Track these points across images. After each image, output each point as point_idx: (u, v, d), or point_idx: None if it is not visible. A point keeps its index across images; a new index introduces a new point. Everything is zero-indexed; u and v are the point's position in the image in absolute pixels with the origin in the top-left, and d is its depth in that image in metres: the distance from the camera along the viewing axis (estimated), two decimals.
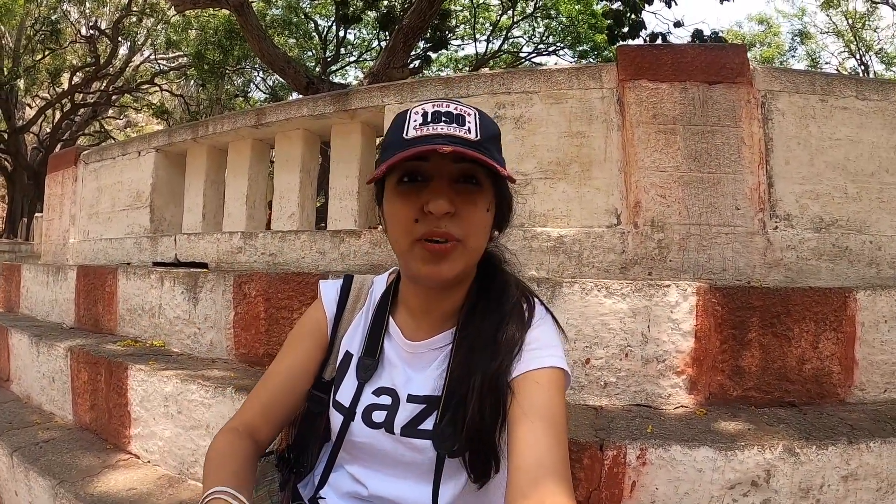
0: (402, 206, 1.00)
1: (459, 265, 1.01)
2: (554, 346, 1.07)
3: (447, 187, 0.98)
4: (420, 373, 1.11)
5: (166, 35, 20.24)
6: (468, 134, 0.98)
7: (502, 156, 1.08)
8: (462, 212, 0.99)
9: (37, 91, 22.27)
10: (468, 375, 1.04)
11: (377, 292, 1.22)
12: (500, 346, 1.05)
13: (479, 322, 1.08)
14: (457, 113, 1.00)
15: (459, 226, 0.98)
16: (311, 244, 3.41)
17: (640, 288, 2.17)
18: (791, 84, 2.85)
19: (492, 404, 1.01)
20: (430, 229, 0.98)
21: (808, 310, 2.15)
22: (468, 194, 1.00)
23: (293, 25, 19.50)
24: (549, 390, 1.00)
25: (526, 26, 20.36)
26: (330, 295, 1.23)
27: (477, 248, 1.04)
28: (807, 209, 2.74)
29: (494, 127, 1.07)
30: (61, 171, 5.71)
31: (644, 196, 2.74)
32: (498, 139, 1.07)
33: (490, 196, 1.04)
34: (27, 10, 17.95)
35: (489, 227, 1.06)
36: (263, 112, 3.96)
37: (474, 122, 1.00)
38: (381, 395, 1.11)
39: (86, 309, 4.02)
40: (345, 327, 1.20)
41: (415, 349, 1.12)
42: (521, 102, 3.05)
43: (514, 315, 1.10)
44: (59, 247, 5.63)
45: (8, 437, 2.85)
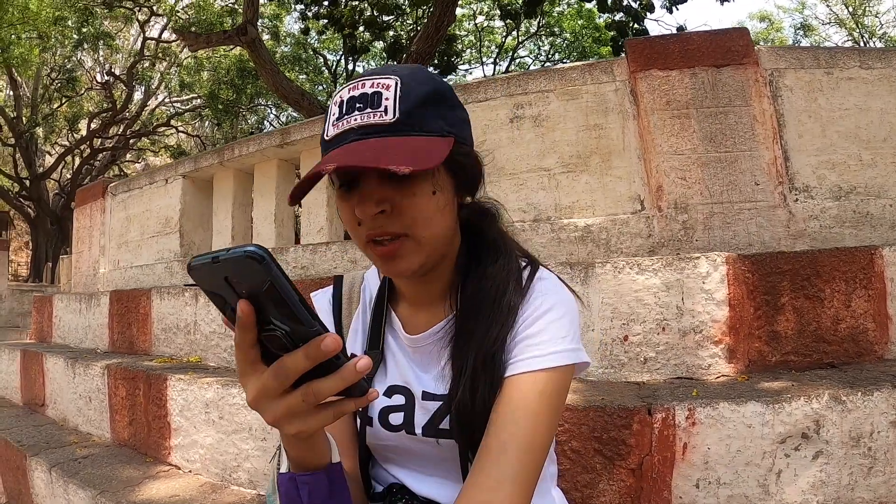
0: (344, 212, 0.93)
1: (416, 259, 0.93)
2: (560, 337, 0.96)
3: (376, 185, 0.88)
4: (429, 370, 1.05)
5: (180, 77, 20.71)
6: (384, 116, 0.86)
7: (453, 112, 0.95)
8: (400, 206, 0.89)
9: (56, 138, 22.80)
10: (464, 355, 0.97)
11: (371, 286, 1.16)
12: (495, 318, 0.97)
13: (472, 296, 1.00)
14: (372, 91, 0.88)
15: (398, 221, 0.89)
16: (342, 254, 3.48)
17: (670, 262, 2.20)
18: (796, 60, 2.92)
19: (486, 383, 0.94)
20: (369, 231, 0.90)
21: (837, 269, 2.17)
22: (402, 186, 0.88)
23: (303, 61, 19.89)
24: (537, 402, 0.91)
25: (531, 45, 20.66)
26: (323, 306, 1.16)
27: (433, 238, 0.93)
28: (824, 179, 2.79)
29: (426, 86, 0.91)
30: (89, 204, 5.85)
31: (665, 180, 2.79)
32: (434, 100, 0.92)
33: (438, 174, 0.92)
34: (43, 59, 18.42)
35: (444, 208, 0.94)
36: (288, 131, 4.07)
37: (392, 95, 0.88)
38: (393, 394, 1.05)
39: (119, 332, 4.09)
40: (347, 332, 1.13)
41: (416, 343, 1.06)
42: (539, 101, 3.12)
43: (511, 283, 1.00)
44: (89, 277, 5.75)
45: (46, 454, 2.88)
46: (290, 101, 10.42)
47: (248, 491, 2.36)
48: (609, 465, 1.73)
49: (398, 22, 14.56)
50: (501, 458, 0.87)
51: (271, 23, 18.26)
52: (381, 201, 0.88)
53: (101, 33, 16.99)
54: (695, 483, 1.69)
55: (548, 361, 0.93)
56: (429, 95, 0.90)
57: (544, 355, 0.93)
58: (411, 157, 0.83)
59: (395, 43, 13.52)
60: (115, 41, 18.88)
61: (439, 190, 0.92)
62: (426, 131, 0.89)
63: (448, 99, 0.95)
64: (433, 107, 0.91)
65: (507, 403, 0.91)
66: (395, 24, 14.40)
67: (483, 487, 0.86)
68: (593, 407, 1.77)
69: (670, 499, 1.70)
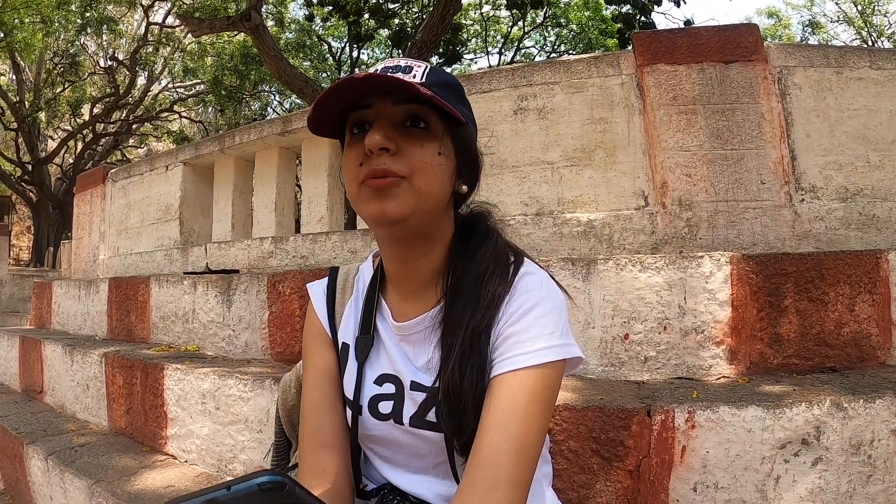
0: (349, 154, 0.98)
1: (406, 204, 0.94)
2: (548, 333, 0.96)
3: (388, 127, 0.93)
4: (417, 360, 1.05)
5: (183, 63, 20.62)
6: (412, 79, 0.94)
7: (466, 108, 1.02)
8: (405, 150, 0.93)
9: (58, 123, 22.70)
10: (452, 341, 0.98)
11: (365, 277, 1.18)
12: (478, 303, 0.99)
13: (457, 282, 1.02)
14: (405, 65, 0.97)
15: (402, 163, 0.93)
16: (342, 244, 3.46)
17: (673, 261, 2.18)
18: (805, 59, 2.89)
19: (473, 366, 0.95)
20: (370, 168, 0.93)
21: (842, 273, 2.15)
22: (414, 135, 0.95)
23: (307, 48, 19.79)
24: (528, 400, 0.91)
25: (537, 36, 20.52)
26: (318, 296, 1.19)
27: (427, 191, 0.95)
28: (831, 180, 2.76)
29: (450, 78, 1.01)
30: (89, 190, 5.84)
31: (670, 176, 2.76)
32: (454, 88, 1.01)
33: (445, 142, 0.97)
34: (46, 44, 18.32)
35: (445, 172, 0.98)
36: (290, 119, 4.04)
37: (422, 72, 0.96)
38: (383, 383, 1.06)
39: (118, 319, 4.09)
40: (340, 322, 1.15)
41: (404, 331, 1.07)
42: (543, 94, 3.09)
43: (496, 271, 1.02)
44: (89, 264, 5.74)
45: (42, 442, 2.87)
46: (294, 87, 10.39)
47: None
48: (606, 466, 1.72)
49: (403, 10, 14.47)
50: (495, 459, 0.88)
51: (275, 9, 18.15)
52: (390, 138, 0.92)
53: (104, 18, 16.88)
54: (692, 487, 1.68)
55: (536, 358, 0.94)
56: (452, 84, 1.00)
57: (532, 352, 0.94)
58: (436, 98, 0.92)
59: (400, 31, 13.47)
60: (119, 26, 18.72)
61: (444, 154, 0.97)
62: (447, 102, 0.95)
63: (464, 97, 1.04)
64: (454, 93, 1.00)
65: (497, 403, 0.92)
66: (400, 11, 14.32)
67: (478, 489, 0.87)
68: (592, 407, 1.75)
69: (667, 502, 1.68)
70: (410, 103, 0.94)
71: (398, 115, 0.95)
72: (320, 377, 1.12)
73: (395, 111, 0.94)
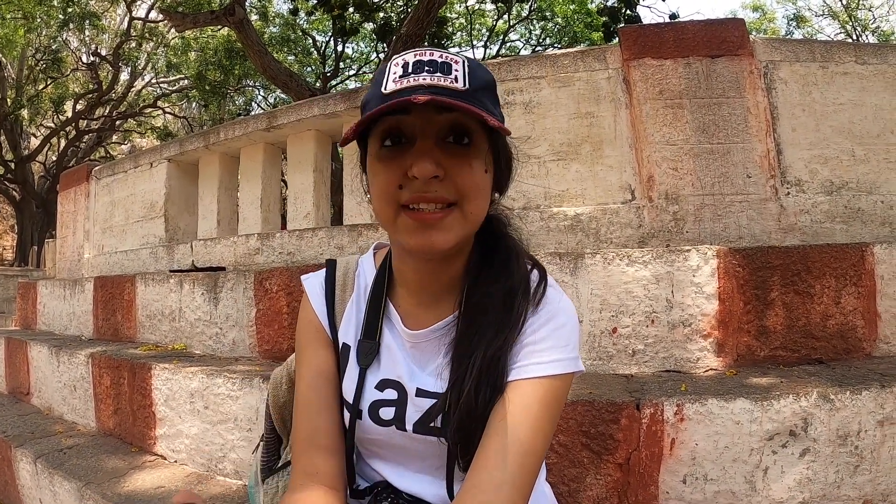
0: (383, 173, 0.89)
1: (455, 234, 0.90)
2: (562, 345, 0.96)
3: (434, 147, 0.86)
4: (426, 366, 1.03)
5: (167, 58, 20.39)
6: (455, 83, 0.86)
7: (500, 109, 0.96)
8: (454, 174, 0.87)
9: (41, 120, 22.46)
10: (469, 355, 0.95)
11: (367, 273, 1.12)
12: (503, 323, 0.96)
13: (481, 297, 0.98)
14: (441, 61, 0.87)
15: (453, 189, 0.87)
16: (328, 240, 3.45)
17: (660, 254, 2.19)
18: (791, 53, 2.91)
19: (489, 385, 0.93)
20: (416, 194, 0.87)
21: (828, 266, 2.17)
22: (460, 154, 0.88)
23: (291, 42, 19.66)
24: (538, 408, 0.92)
25: (522, 29, 20.51)
26: (315, 290, 1.13)
27: (476, 215, 0.92)
28: (817, 174, 2.78)
29: (487, 75, 0.93)
30: (73, 188, 5.77)
31: (656, 170, 2.77)
32: (492, 89, 0.93)
33: (487, 155, 0.91)
34: (28, 40, 18.08)
35: (489, 189, 0.94)
36: (275, 115, 4.01)
37: (462, 69, 0.88)
38: (385, 388, 1.03)
39: (104, 319, 4.05)
40: (339, 319, 1.10)
41: (416, 339, 1.03)
42: (530, 88, 3.09)
43: (521, 288, 0.99)
44: (73, 263, 5.68)
45: (31, 445, 2.84)
46: (279, 82, 10.32)
47: (233, 482, 2.34)
48: (596, 460, 1.73)
49: (388, 3, 14.39)
50: (502, 461, 0.88)
51: (260, 3, 18.03)
52: (439, 164, 0.86)
53: (86, 13, 16.67)
54: (682, 479, 1.69)
55: (550, 369, 0.94)
56: (489, 82, 0.92)
57: (547, 362, 0.94)
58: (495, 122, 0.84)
59: (385, 24, 13.38)
60: (102, 21, 18.53)
61: (489, 170, 0.92)
62: (488, 111, 0.87)
63: (496, 95, 0.96)
64: (491, 94, 0.92)
65: (510, 408, 0.92)
66: (384, 5, 14.23)
67: (484, 489, 0.87)
68: (581, 401, 1.76)
69: (657, 494, 1.70)
70: (453, 112, 0.86)
71: (442, 128, 0.87)
72: (317, 378, 1.08)
73: (439, 122, 0.87)
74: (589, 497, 1.70)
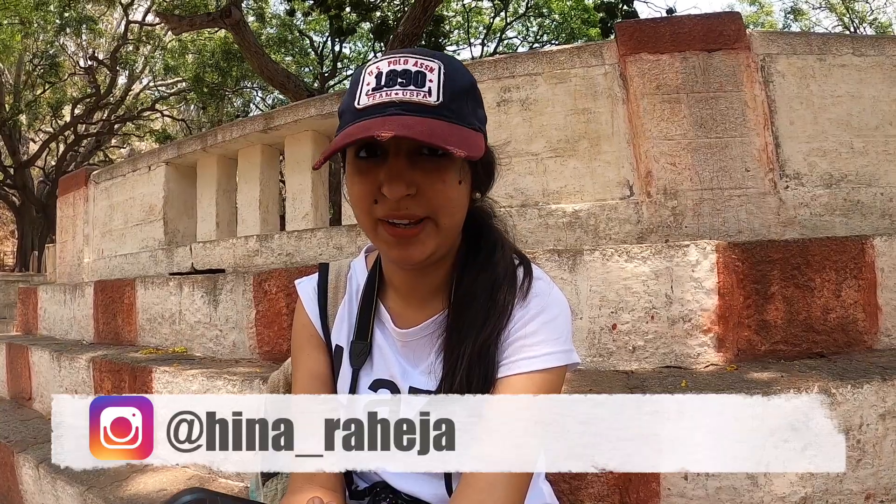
0: (359, 185, 0.89)
1: (430, 246, 0.91)
2: (553, 338, 0.96)
3: (405, 165, 0.86)
4: (418, 365, 1.04)
5: (164, 61, 20.36)
6: (427, 97, 0.85)
7: (481, 110, 0.95)
8: (427, 189, 0.87)
9: (39, 125, 22.49)
10: (458, 346, 0.96)
11: (358, 276, 1.13)
12: (490, 312, 0.97)
13: (467, 289, 1.00)
14: (416, 70, 0.86)
15: (425, 205, 0.88)
16: (327, 240, 3.44)
17: (659, 250, 2.18)
18: (788, 46, 2.90)
19: (480, 376, 0.94)
20: (389, 211, 0.88)
21: (828, 259, 2.16)
22: (433, 169, 0.87)
23: (289, 43, 19.64)
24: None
25: (519, 26, 20.49)
26: (308, 294, 1.14)
27: (452, 227, 0.93)
28: (815, 166, 2.77)
29: (466, 79, 0.91)
30: (72, 193, 5.77)
31: (654, 165, 2.76)
32: (470, 92, 0.92)
33: (463, 165, 0.91)
34: (25, 45, 18.10)
35: (464, 200, 0.94)
36: (272, 116, 4.01)
37: (437, 78, 0.86)
38: (378, 388, 1.05)
39: (105, 323, 4.05)
40: (332, 322, 1.11)
41: (406, 337, 1.04)
42: (526, 85, 3.08)
43: (506, 279, 1.00)
44: (73, 267, 5.68)
45: (33, 450, 2.83)
46: (276, 83, 10.32)
47: (235, 483, 2.34)
48: None
49: (385, 2, 14.39)
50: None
51: (256, 4, 18.01)
52: (411, 183, 0.86)
53: (83, 17, 16.70)
54: (683, 475, 1.68)
55: (541, 363, 0.94)
56: (467, 88, 0.91)
57: (538, 356, 0.94)
58: (458, 142, 0.83)
59: (382, 24, 13.38)
60: (98, 25, 18.55)
61: (463, 180, 0.92)
62: (464, 122, 0.88)
63: (478, 95, 0.95)
64: (470, 100, 0.91)
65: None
66: (381, 4, 14.24)
67: (479, 487, 0.88)
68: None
69: (658, 490, 1.69)
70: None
71: (413, 143, 0.86)
72: (312, 380, 1.09)
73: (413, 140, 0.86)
74: (590, 494, 1.70)
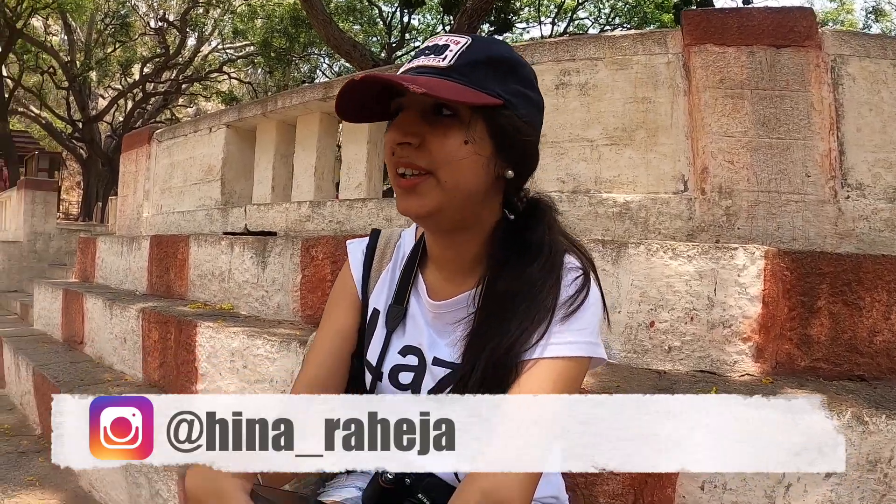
0: (386, 138, 0.96)
1: (431, 200, 0.92)
2: (579, 328, 0.96)
3: (414, 118, 0.92)
4: (444, 337, 1.05)
5: (233, 25, 20.71)
6: (440, 62, 0.91)
7: (515, 84, 0.95)
8: (430, 142, 0.91)
9: (109, 82, 23.17)
10: (481, 348, 0.96)
11: (406, 246, 1.16)
12: (520, 321, 0.96)
13: (503, 285, 0.99)
14: (443, 44, 0.94)
15: (425, 157, 0.91)
16: (378, 211, 3.48)
17: (706, 250, 2.13)
18: (861, 48, 2.74)
19: (494, 384, 0.93)
20: (396, 159, 0.93)
21: (881, 278, 2.05)
22: (439, 125, 0.91)
23: (357, 12, 19.69)
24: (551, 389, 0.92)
25: (591, 7, 20.04)
26: (356, 255, 1.18)
27: (455, 186, 0.92)
28: (880, 178, 2.63)
29: (493, 51, 0.96)
30: (135, 150, 5.98)
31: (711, 162, 2.68)
32: (495, 63, 0.94)
33: (475, 128, 0.92)
34: (97, 4, 18.61)
35: (476, 162, 0.93)
36: (331, 85, 4.05)
37: (459, 49, 0.92)
38: (407, 354, 1.07)
39: (158, 276, 4.21)
40: (373, 285, 1.14)
41: (438, 309, 1.06)
42: (586, 69, 3.02)
43: (553, 288, 0.98)
44: (133, 221, 5.90)
45: (79, 391, 2.91)
46: (342, 51, 10.34)
47: None
48: None
49: None
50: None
51: None
52: (409, 133, 0.91)
53: None
54: (700, 485, 1.65)
55: (564, 350, 0.94)
56: (493, 59, 0.94)
57: (562, 343, 0.94)
58: (448, 92, 0.88)
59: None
60: None
61: (472, 142, 0.92)
62: (474, 85, 0.91)
63: (517, 73, 0.96)
64: (494, 70, 0.93)
65: (520, 387, 0.93)
66: None
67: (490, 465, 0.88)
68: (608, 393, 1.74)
69: (673, 497, 1.67)
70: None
71: (427, 103, 0.91)
72: (335, 334, 1.14)
73: (424, 99, 0.90)
74: (605, 491, 1.69)
